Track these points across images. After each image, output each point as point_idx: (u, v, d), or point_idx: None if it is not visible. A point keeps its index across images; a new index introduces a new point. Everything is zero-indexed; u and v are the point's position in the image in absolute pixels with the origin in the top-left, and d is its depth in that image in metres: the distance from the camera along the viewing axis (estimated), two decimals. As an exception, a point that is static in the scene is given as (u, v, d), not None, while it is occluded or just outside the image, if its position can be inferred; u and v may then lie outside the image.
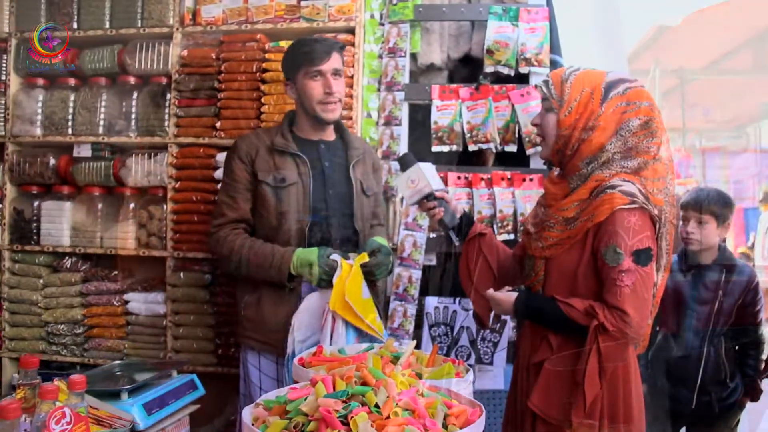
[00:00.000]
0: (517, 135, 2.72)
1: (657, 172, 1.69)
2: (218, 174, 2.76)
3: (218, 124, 2.81)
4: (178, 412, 1.94)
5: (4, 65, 3.07)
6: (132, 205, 2.96)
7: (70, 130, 3.01)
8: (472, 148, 2.73)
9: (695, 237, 2.55)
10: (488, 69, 2.73)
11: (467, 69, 2.95)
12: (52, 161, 3.02)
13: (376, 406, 1.12)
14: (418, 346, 1.76)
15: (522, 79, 2.75)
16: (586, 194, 1.67)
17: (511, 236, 2.65)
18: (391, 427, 1.05)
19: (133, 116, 2.97)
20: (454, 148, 2.75)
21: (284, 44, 2.75)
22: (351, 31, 2.74)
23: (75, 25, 3.01)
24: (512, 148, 2.71)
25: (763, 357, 2.58)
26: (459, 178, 2.73)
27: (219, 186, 2.75)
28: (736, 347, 2.61)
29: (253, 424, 1.17)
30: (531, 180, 2.68)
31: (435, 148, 2.75)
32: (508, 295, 1.82)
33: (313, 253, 2.08)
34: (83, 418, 1.34)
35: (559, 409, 1.64)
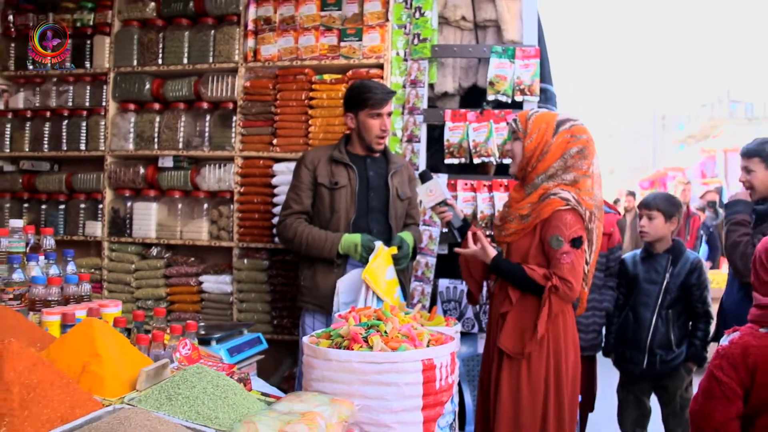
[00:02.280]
0: (513, 150, 3.30)
1: (588, 185, 2.30)
2: (275, 181, 3.38)
3: (274, 141, 3.42)
4: (250, 358, 2.60)
5: (104, 94, 3.72)
6: (205, 206, 3.57)
7: (156, 145, 3.64)
8: (476, 161, 3.30)
9: (645, 230, 3.08)
10: (490, 97, 3.31)
11: (474, 96, 3.51)
12: (142, 170, 3.64)
13: (386, 332, 1.76)
14: None
15: (517, 105, 3.31)
16: (536, 198, 2.29)
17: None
18: (393, 342, 1.69)
19: (206, 134, 3.56)
20: (463, 160, 3.34)
21: (327, 77, 3.36)
22: (380, 66, 3.31)
23: (160, 61, 3.64)
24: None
25: (711, 328, 3.04)
26: (465, 184, 3.33)
27: (275, 189, 3.41)
28: (688, 320, 3.08)
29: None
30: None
31: (447, 161, 3.35)
32: (492, 250, 2.39)
33: (358, 237, 2.68)
34: (196, 348, 2.00)
35: (519, 345, 2.26)
